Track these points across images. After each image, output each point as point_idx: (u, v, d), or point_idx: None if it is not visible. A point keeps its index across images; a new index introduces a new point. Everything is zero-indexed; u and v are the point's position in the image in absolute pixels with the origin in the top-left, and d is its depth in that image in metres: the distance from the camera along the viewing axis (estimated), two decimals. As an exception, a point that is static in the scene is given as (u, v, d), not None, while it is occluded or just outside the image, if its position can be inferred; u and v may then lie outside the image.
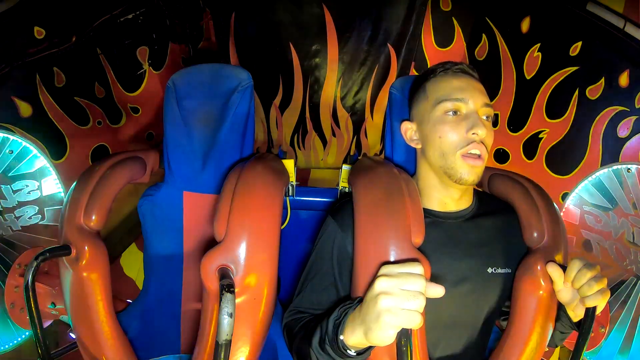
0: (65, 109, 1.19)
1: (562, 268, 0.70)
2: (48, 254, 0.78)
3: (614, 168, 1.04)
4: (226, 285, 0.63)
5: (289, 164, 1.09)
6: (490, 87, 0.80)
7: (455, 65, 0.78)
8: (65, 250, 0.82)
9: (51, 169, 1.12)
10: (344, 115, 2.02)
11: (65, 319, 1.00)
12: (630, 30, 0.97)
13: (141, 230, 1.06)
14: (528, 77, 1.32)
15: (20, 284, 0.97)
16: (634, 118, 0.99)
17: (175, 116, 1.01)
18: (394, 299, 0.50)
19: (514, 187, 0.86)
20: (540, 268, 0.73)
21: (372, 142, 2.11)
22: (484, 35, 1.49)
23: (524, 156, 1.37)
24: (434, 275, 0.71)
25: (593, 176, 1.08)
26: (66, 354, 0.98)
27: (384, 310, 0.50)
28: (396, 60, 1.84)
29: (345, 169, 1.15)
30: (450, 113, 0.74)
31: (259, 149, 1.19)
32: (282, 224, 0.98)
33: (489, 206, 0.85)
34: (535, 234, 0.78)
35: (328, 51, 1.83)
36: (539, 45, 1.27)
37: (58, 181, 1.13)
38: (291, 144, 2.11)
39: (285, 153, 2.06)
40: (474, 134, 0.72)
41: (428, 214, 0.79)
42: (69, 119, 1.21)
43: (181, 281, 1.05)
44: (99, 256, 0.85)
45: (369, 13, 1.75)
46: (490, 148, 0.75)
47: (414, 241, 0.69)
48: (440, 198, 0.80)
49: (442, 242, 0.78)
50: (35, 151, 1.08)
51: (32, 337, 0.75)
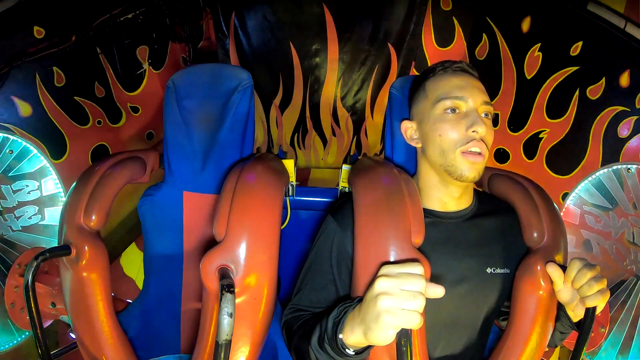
0: (65, 109, 1.19)
1: (562, 268, 0.70)
2: (48, 254, 0.78)
3: (614, 168, 1.03)
4: (226, 285, 0.63)
5: (289, 164, 1.09)
6: (490, 87, 0.80)
7: (454, 64, 0.78)
8: (65, 250, 0.82)
9: (51, 169, 1.12)
10: (344, 114, 2.01)
11: (65, 319, 1.00)
12: (631, 30, 0.97)
13: (141, 230, 1.06)
14: (528, 77, 1.32)
15: (20, 284, 0.97)
16: (635, 118, 0.99)
17: (175, 116, 1.01)
18: (394, 299, 0.50)
19: (514, 187, 0.86)
20: (540, 268, 0.73)
21: (372, 142, 2.10)
22: (484, 34, 1.49)
23: (524, 156, 1.37)
24: (433, 275, 0.72)
25: (593, 176, 1.08)
26: (66, 354, 0.98)
27: (383, 310, 0.50)
28: (396, 60, 1.83)
29: (345, 169, 1.15)
30: (449, 111, 0.74)
31: (259, 149, 1.19)
32: (282, 224, 0.98)
33: (489, 206, 0.85)
34: (535, 234, 0.78)
35: (328, 50, 1.82)
36: (539, 45, 1.26)
37: (58, 181, 1.13)
38: (291, 144, 2.11)
39: (286, 153, 2.07)
40: (473, 131, 0.71)
41: (428, 213, 0.79)
42: (68, 118, 1.21)
43: (181, 281, 1.05)
44: (99, 256, 0.85)
45: (369, 12, 1.74)
46: (490, 146, 0.75)
47: (413, 241, 0.69)
48: (441, 197, 0.80)
49: (442, 242, 0.78)
50: (35, 151, 1.08)
51: (32, 337, 0.75)
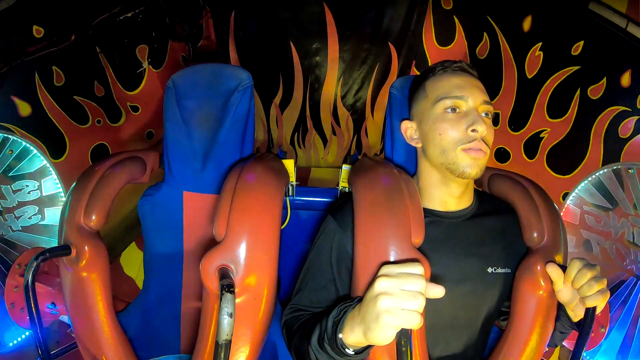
0: (64, 108, 1.19)
1: (562, 268, 0.70)
2: (48, 254, 0.78)
3: (615, 168, 1.03)
4: (226, 285, 0.62)
5: (289, 164, 1.09)
6: (491, 86, 0.80)
7: (454, 64, 0.78)
8: (65, 250, 0.82)
9: (51, 169, 1.12)
10: (344, 113, 2.01)
11: (65, 319, 1.00)
12: (633, 30, 0.96)
13: (141, 230, 1.06)
14: (529, 76, 1.32)
15: (20, 284, 0.97)
16: (636, 118, 0.98)
17: (175, 116, 1.00)
18: (394, 300, 0.50)
19: (514, 187, 0.86)
20: (540, 268, 0.73)
21: (373, 141, 2.10)
22: (485, 34, 1.48)
23: (524, 155, 1.37)
24: (433, 275, 0.71)
25: (593, 176, 1.08)
26: (66, 354, 0.99)
27: (383, 310, 0.50)
28: (397, 59, 1.83)
29: (345, 169, 1.14)
30: (449, 110, 0.74)
31: (259, 149, 1.19)
32: (282, 224, 0.98)
33: (490, 206, 0.85)
34: (535, 234, 0.78)
35: (328, 50, 1.82)
36: (540, 44, 1.26)
37: (58, 181, 1.13)
38: (291, 143, 2.11)
39: (286, 153, 2.06)
40: (473, 130, 0.71)
41: (428, 213, 0.79)
42: (68, 118, 1.21)
43: (181, 281, 1.05)
44: (99, 256, 0.85)
45: (369, 11, 1.74)
46: (491, 145, 0.75)
47: (413, 241, 0.69)
48: (441, 197, 0.80)
49: (442, 242, 0.78)
50: (35, 151, 1.08)
51: (32, 337, 0.75)
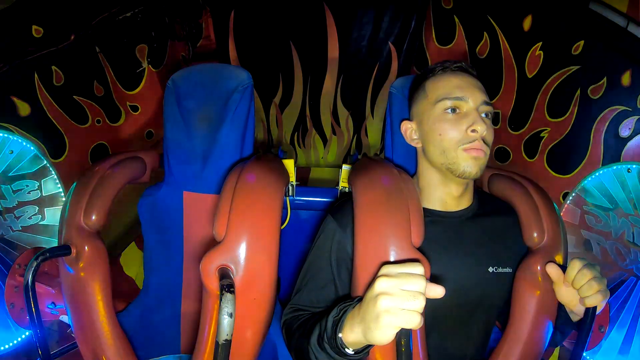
0: (64, 108, 1.19)
1: (562, 268, 0.70)
2: (48, 254, 0.78)
3: (615, 168, 1.03)
4: (226, 285, 0.62)
5: (289, 164, 1.09)
6: (491, 86, 0.80)
7: (454, 64, 0.78)
8: (65, 250, 0.82)
9: (51, 169, 1.12)
10: (344, 113, 2.01)
11: (65, 319, 1.00)
12: (633, 29, 0.96)
13: (141, 230, 1.06)
14: (529, 76, 1.32)
15: (20, 284, 0.97)
16: (636, 118, 0.98)
17: (175, 116, 1.00)
18: (394, 300, 0.50)
19: (514, 187, 0.86)
20: (540, 268, 0.73)
21: (373, 141, 2.10)
22: (485, 33, 1.48)
23: (525, 155, 1.37)
24: (434, 275, 0.71)
25: (594, 176, 1.08)
26: (66, 354, 0.99)
27: (383, 310, 0.50)
28: (397, 59, 1.83)
29: (345, 169, 1.14)
30: (449, 111, 0.74)
31: (259, 149, 1.19)
32: (282, 224, 0.98)
33: (490, 206, 0.85)
34: (535, 234, 0.78)
35: (328, 49, 1.82)
36: (540, 43, 1.26)
37: (58, 181, 1.13)
38: (291, 142, 2.11)
39: (286, 153, 2.06)
40: (473, 130, 0.71)
41: (428, 213, 0.79)
42: (68, 117, 1.21)
43: (181, 281, 1.05)
44: (99, 256, 0.85)
45: (369, 11, 1.73)
46: (491, 145, 0.75)
47: (413, 241, 0.69)
48: (441, 197, 0.80)
49: (443, 242, 0.78)
50: (35, 151, 1.08)
51: (32, 337, 0.75)
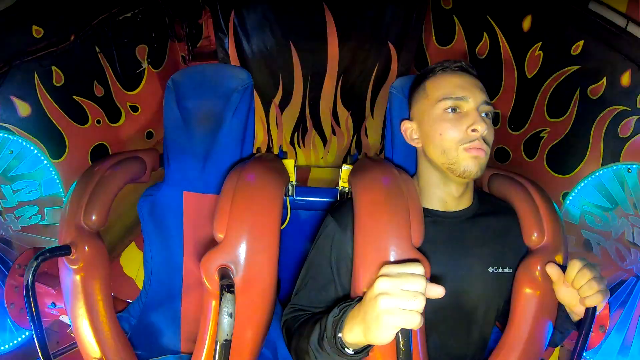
0: (64, 108, 1.19)
1: (562, 268, 0.70)
2: (48, 254, 0.78)
3: (615, 168, 1.03)
4: (226, 285, 0.63)
5: (289, 164, 1.09)
6: (491, 86, 0.80)
7: (454, 64, 0.78)
8: (65, 250, 0.82)
9: (51, 169, 1.12)
10: (344, 113, 2.01)
11: (65, 319, 1.00)
12: (633, 29, 0.96)
13: (141, 230, 1.06)
14: (529, 76, 1.32)
15: (20, 284, 0.97)
16: (636, 118, 0.98)
17: (175, 116, 1.01)
18: (394, 300, 0.50)
19: (514, 187, 0.86)
20: (540, 268, 0.73)
21: (373, 141, 2.10)
22: (485, 33, 1.48)
23: (524, 155, 1.37)
24: (434, 275, 0.72)
25: (593, 176, 1.08)
26: (66, 354, 0.99)
27: (383, 310, 0.50)
28: (397, 59, 1.83)
29: (345, 169, 1.14)
30: (450, 110, 0.74)
31: (259, 149, 1.19)
32: (282, 224, 0.98)
33: (490, 206, 0.85)
34: (535, 234, 0.78)
35: (328, 49, 1.82)
36: (540, 44, 1.26)
37: (58, 181, 1.13)
38: (291, 143, 2.11)
39: (286, 153, 2.06)
40: (474, 130, 0.71)
41: (428, 213, 0.79)
42: (68, 118, 1.21)
43: (181, 281, 1.05)
44: (99, 256, 0.85)
45: (369, 11, 1.73)
46: (491, 145, 0.75)
47: (413, 241, 0.69)
48: (441, 197, 0.80)
49: (443, 242, 0.78)
50: (35, 151, 1.08)
51: (32, 337, 0.75)
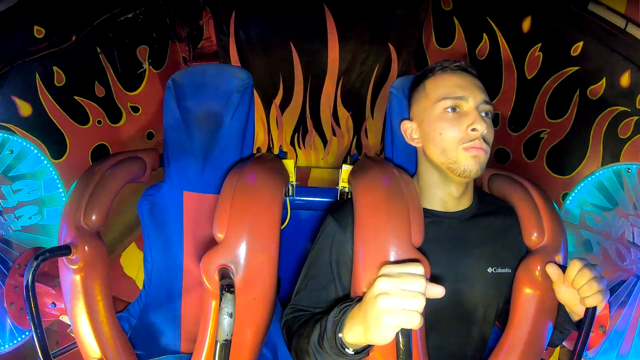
0: (65, 109, 1.19)
1: (562, 268, 0.70)
2: (48, 254, 0.78)
3: (615, 168, 1.03)
4: (226, 285, 0.63)
5: (289, 164, 1.09)
6: (491, 87, 0.80)
7: (453, 63, 0.78)
8: (65, 250, 0.82)
9: (51, 169, 1.12)
10: (344, 114, 2.01)
11: (65, 319, 1.00)
12: (632, 30, 0.96)
13: (141, 230, 1.06)
14: (529, 77, 1.32)
15: (20, 284, 0.97)
16: (635, 118, 0.99)
17: (175, 116, 1.01)
18: (394, 300, 0.50)
19: (514, 187, 0.86)
20: (540, 268, 0.73)
21: (373, 142, 2.10)
22: (485, 34, 1.49)
23: (524, 156, 1.37)
24: (434, 275, 0.72)
25: (593, 176, 1.08)
26: (66, 353, 0.99)
27: (383, 310, 0.50)
28: (397, 60, 1.83)
29: (345, 169, 1.14)
30: (450, 110, 0.74)
31: (259, 149, 1.19)
32: (282, 224, 0.98)
33: (490, 206, 0.85)
34: (535, 235, 0.78)
35: (328, 50, 1.82)
36: (540, 45, 1.26)
37: (58, 181, 1.13)
38: (291, 143, 2.11)
39: (286, 153, 2.06)
40: (474, 129, 0.71)
41: (429, 213, 0.79)
42: (68, 118, 1.21)
43: (181, 281, 1.05)
44: (99, 256, 0.85)
45: (369, 12, 1.74)
46: (491, 144, 0.75)
47: (413, 241, 0.69)
48: (441, 197, 0.80)
49: (443, 242, 0.78)
50: (36, 151, 1.08)
51: (32, 337, 0.75)
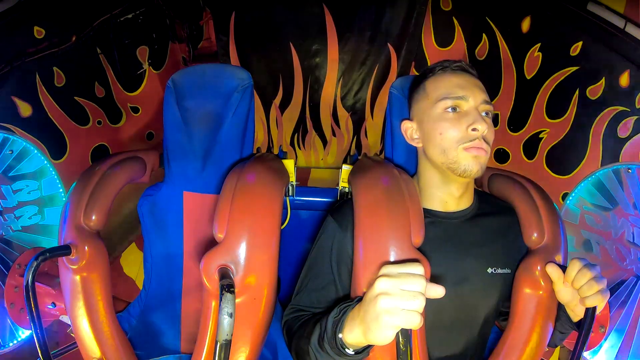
0: (65, 109, 1.19)
1: (562, 268, 0.70)
2: (48, 254, 0.78)
3: (614, 168, 1.03)
4: (226, 285, 0.63)
5: (289, 164, 1.09)
6: (490, 87, 0.80)
7: (454, 63, 0.78)
8: (65, 250, 0.82)
9: (51, 169, 1.12)
10: (344, 114, 2.01)
11: (65, 319, 1.00)
12: (631, 30, 0.96)
13: (141, 230, 1.06)
14: (528, 77, 1.32)
15: (20, 284, 0.98)
16: (635, 118, 0.99)
17: (175, 116, 1.01)
18: (394, 300, 0.50)
19: (514, 187, 0.86)
20: (540, 268, 0.73)
21: (372, 142, 2.10)
22: (484, 35, 1.49)
23: (524, 156, 1.37)
24: (434, 275, 0.72)
25: (593, 176, 1.08)
26: (66, 353, 0.99)
27: (383, 310, 0.50)
28: (396, 60, 1.83)
29: (345, 169, 1.14)
30: (450, 110, 0.74)
31: (259, 149, 1.19)
32: (282, 224, 0.98)
33: (490, 206, 0.85)
34: (535, 235, 0.78)
35: (328, 51, 1.82)
36: (539, 45, 1.26)
37: (58, 181, 1.13)
38: (291, 144, 2.11)
39: (286, 153, 2.07)
40: (474, 129, 0.72)
41: (429, 213, 0.79)
42: (68, 118, 1.21)
43: (181, 281, 1.05)
44: (99, 256, 0.85)
45: (369, 13, 1.74)
46: (491, 144, 0.75)
47: (413, 241, 0.69)
48: (442, 197, 0.80)
49: (443, 242, 0.78)
50: (35, 151, 1.08)
51: (32, 337, 0.75)
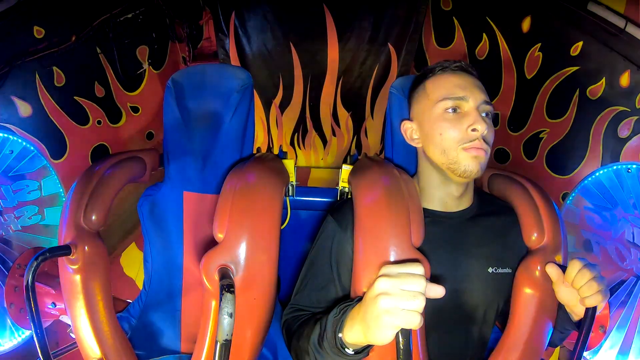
0: (65, 109, 1.19)
1: (562, 268, 0.70)
2: (48, 254, 0.78)
3: (614, 168, 1.03)
4: (226, 285, 0.63)
5: (289, 164, 1.09)
6: (490, 87, 0.80)
7: (454, 64, 0.78)
8: (65, 250, 0.82)
9: (51, 169, 1.12)
10: (344, 114, 2.01)
11: (65, 319, 1.00)
12: (631, 30, 0.96)
13: (141, 230, 1.06)
14: (529, 77, 1.32)
15: (20, 284, 0.97)
16: (635, 118, 0.99)
17: (175, 116, 1.01)
18: (394, 300, 0.50)
19: (514, 187, 0.86)
20: (540, 268, 0.73)
21: (373, 142, 2.10)
22: (484, 34, 1.49)
23: (524, 156, 1.37)
24: (433, 275, 0.72)
25: (593, 176, 1.08)
26: (66, 354, 0.99)
27: (383, 310, 0.50)
28: (396, 60, 1.83)
29: (345, 169, 1.14)
30: (450, 110, 0.74)
31: (259, 149, 1.19)
32: (282, 224, 0.98)
33: (490, 206, 0.85)
34: (535, 235, 0.78)
35: (328, 50, 1.82)
36: (539, 45, 1.26)
37: (58, 181, 1.13)
38: (291, 144, 2.11)
39: (286, 153, 2.07)
40: (474, 130, 0.72)
41: (429, 213, 0.79)
42: (68, 118, 1.21)
43: (181, 281, 1.05)
44: (99, 256, 0.85)
45: (369, 12, 1.74)
46: (491, 144, 0.75)
47: (414, 241, 0.69)
48: (442, 197, 0.80)
49: (443, 242, 0.78)
50: (35, 151, 1.08)
51: (32, 337, 0.75)
